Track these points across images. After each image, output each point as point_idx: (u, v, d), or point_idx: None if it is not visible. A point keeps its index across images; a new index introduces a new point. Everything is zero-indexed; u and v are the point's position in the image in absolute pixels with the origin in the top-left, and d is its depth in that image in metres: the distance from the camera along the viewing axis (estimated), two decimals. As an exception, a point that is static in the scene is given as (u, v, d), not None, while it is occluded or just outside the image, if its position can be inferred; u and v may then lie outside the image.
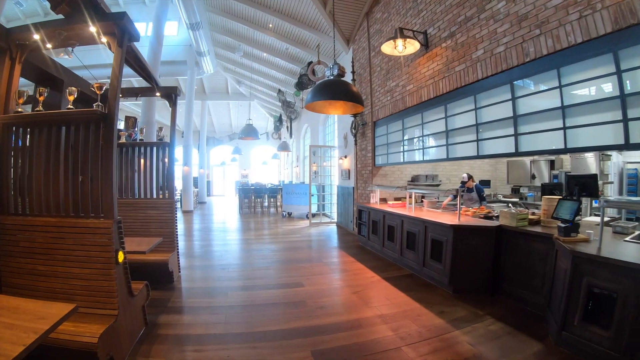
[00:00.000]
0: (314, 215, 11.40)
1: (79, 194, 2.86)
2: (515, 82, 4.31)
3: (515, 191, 10.01)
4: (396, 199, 7.72)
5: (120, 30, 2.84)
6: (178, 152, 20.89)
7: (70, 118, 2.77)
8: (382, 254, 6.43)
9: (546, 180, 9.17)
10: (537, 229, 4.04)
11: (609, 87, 3.34)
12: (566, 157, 8.71)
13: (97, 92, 2.86)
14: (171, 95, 4.69)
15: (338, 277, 5.15)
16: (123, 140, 4.79)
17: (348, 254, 6.53)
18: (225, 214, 13.65)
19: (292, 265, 5.67)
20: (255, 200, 13.86)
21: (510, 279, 4.23)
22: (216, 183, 26.15)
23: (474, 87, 4.93)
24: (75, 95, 2.94)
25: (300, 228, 9.52)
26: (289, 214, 11.99)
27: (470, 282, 4.51)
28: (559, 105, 3.77)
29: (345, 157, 9.29)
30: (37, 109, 2.95)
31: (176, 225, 4.67)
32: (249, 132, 7.90)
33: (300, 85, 11.81)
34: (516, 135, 4.35)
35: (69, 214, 2.89)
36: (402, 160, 6.73)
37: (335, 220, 10.23)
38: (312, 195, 11.01)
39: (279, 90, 14.93)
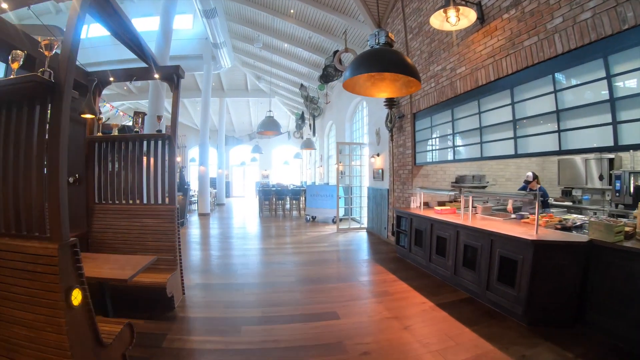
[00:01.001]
0: (340, 219, 10.40)
1: (21, 204, 1.96)
2: (610, 55, 3.24)
3: (567, 194, 8.83)
4: (439, 203, 6.65)
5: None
6: (194, 151, 20.40)
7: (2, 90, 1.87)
8: (428, 270, 5.38)
9: (605, 181, 7.99)
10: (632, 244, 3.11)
11: None
12: (625, 156, 7.51)
13: (46, 53, 1.95)
14: (172, 76, 3.80)
15: (380, 303, 4.09)
16: (116, 132, 3.94)
17: (386, 269, 5.49)
18: (244, 217, 12.83)
19: (322, 285, 4.67)
20: (277, 203, 12.96)
21: (600, 307, 3.26)
22: (236, 184, 25.50)
23: (552, 65, 3.86)
24: (21, 62, 2.06)
25: (327, 235, 8.53)
26: (313, 218, 11.02)
27: (550, 311, 3.53)
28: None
29: (378, 155, 8.25)
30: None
31: (179, 238, 3.76)
32: (270, 125, 6.79)
33: (325, 77, 10.83)
34: (615, 123, 3.27)
35: (9, 232, 2.01)
36: (452, 158, 5.64)
37: (365, 225, 9.19)
38: (340, 198, 10.03)
39: (301, 85, 14.01)
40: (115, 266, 2.82)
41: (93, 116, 3.24)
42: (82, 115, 3.22)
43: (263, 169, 25.05)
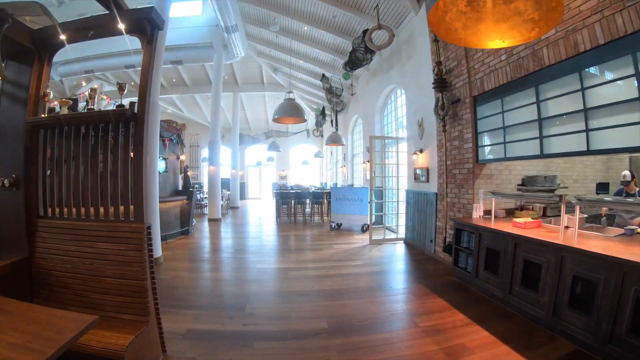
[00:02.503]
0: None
1: None
2: None
3: (640, 198, 7.31)
4: (508, 212, 5.28)
5: None
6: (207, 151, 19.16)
7: None
8: (506, 305, 4.00)
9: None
10: None
11: None
12: None
13: None
14: (143, 24, 2.52)
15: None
16: (65, 112, 2.70)
17: (448, 302, 4.11)
18: (259, 223, 11.59)
19: (367, 335, 3.28)
20: (296, 207, 11.67)
21: None
22: (252, 185, 24.39)
23: None
24: None
25: (358, 248, 7.16)
26: (338, 226, 9.68)
27: None
28: None
29: (421, 151, 6.85)
30: None
31: (152, 272, 2.50)
32: (290, 110, 5.28)
33: (352, 63, 9.51)
34: None
35: None
36: (537, 152, 4.23)
37: (403, 236, 7.79)
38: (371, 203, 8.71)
39: (323, 75, 12.70)
40: (22, 338, 1.58)
41: (-2, 77, 2.03)
42: (-20, 75, 2.00)
43: (280, 169, 23.88)
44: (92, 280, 2.48)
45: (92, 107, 2.65)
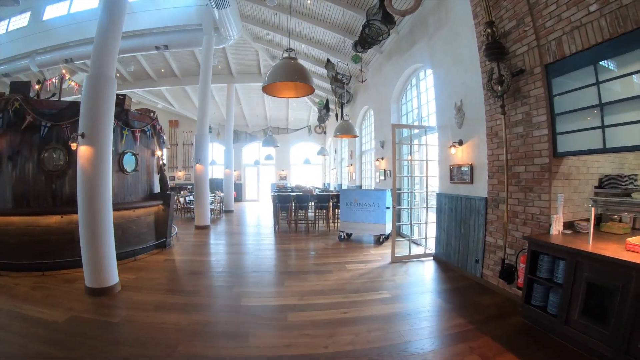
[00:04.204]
0: (387, 238, 7.67)
1: None
2: None
3: None
4: (582, 222, 3.90)
5: None
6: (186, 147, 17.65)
7: None
8: (627, 376, 2.63)
9: None
10: None
11: None
12: None
13: None
14: None
15: None
16: None
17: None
18: (254, 230, 10.18)
19: None
20: (297, 212, 10.23)
21: None
22: (249, 186, 22.98)
23: None
24: None
25: (379, 269, 5.72)
26: (348, 236, 8.28)
27: None
28: None
29: (461, 143, 5.44)
30: None
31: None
32: (289, 73, 3.66)
33: (364, 41, 8.07)
34: None
35: None
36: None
37: (432, 251, 6.38)
38: (388, 209, 7.35)
39: (328, 61, 11.27)
40: None
41: None
42: None
43: (280, 169, 22.52)
44: None
45: None
